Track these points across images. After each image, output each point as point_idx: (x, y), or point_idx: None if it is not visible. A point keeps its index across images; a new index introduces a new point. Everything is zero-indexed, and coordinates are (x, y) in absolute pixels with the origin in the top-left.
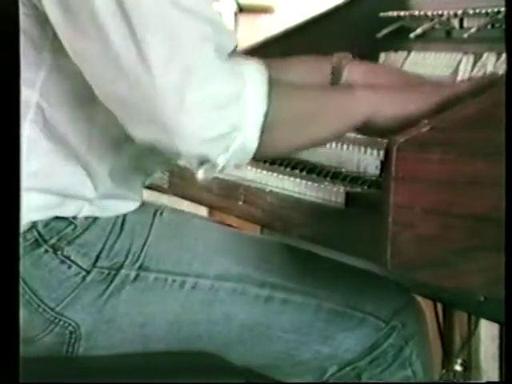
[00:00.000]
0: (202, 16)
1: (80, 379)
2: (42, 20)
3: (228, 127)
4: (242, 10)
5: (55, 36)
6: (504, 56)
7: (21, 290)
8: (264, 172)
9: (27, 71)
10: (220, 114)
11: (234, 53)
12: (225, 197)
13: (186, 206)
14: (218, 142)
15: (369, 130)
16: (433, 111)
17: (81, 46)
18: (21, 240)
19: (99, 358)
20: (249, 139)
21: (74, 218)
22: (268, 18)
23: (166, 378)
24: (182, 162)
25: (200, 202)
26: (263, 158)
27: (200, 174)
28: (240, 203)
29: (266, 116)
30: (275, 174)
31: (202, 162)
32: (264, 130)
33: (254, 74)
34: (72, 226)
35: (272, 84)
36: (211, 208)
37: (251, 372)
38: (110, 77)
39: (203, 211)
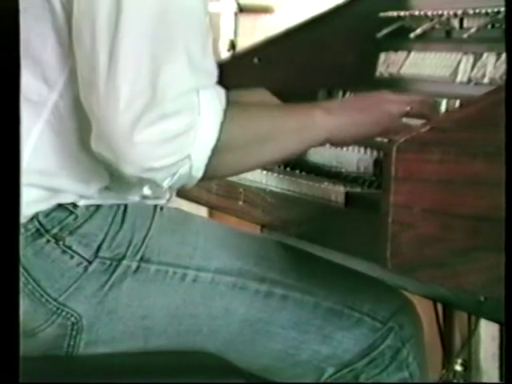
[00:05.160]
0: (193, 64)
1: (80, 379)
2: (71, 13)
3: (177, 157)
4: (242, 10)
5: None
6: (504, 56)
7: (24, 280)
8: (264, 172)
9: (51, 70)
10: (170, 147)
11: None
12: (225, 197)
13: (186, 206)
14: (165, 170)
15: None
16: (385, 132)
17: (78, 52)
18: (22, 230)
19: (99, 358)
20: (196, 166)
21: (75, 207)
22: (268, 18)
23: (166, 378)
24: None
25: (200, 202)
26: (214, 179)
27: (145, 191)
28: (240, 203)
29: (217, 143)
30: (275, 174)
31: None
32: (214, 155)
33: (211, 102)
34: (73, 216)
35: (228, 110)
36: (211, 208)
37: (251, 373)
38: (86, 83)
39: (203, 211)
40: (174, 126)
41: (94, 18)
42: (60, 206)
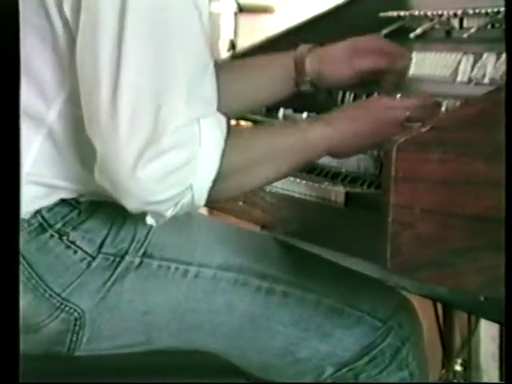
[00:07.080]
0: (193, 94)
1: (80, 379)
2: (73, 37)
3: (179, 189)
4: (241, 10)
5: None
6: (504, 56)
7: (27, 275)
8: None
9: (50, 88)
10: (172, 180)
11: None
12: None
13: None
14: (167, 202)
15: None
16: (386, 141)
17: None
18: (25, 225)
19: (99, 358)
20: (198, 195)
21: (78, 202)
22: (268, 18)
23: (166, 378)
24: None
25: None
26: (218, 202)
27: (148, 220)
28: (240, 203)
29: (219, 171)
30: None
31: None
32: (216, 182)
33: (212, 131)
34: (76, 211)
35: (229, 137)
36: (211, 208)
37: (251, 373)
38: (89, 116)
39: (203, 211)
40: (176, 158)
41: (97, 52)
42: (63, 201)
